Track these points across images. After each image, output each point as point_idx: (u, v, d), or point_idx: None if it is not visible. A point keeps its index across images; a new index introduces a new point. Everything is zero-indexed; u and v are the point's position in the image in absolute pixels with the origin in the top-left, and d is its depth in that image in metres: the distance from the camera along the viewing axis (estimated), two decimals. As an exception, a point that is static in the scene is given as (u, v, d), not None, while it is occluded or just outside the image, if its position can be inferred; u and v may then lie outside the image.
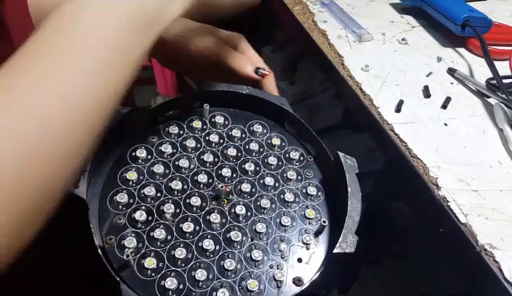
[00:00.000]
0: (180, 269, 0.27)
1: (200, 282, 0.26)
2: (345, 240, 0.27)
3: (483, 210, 0.31)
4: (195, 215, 0.30)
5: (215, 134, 0.36)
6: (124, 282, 0.26)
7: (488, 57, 0.40)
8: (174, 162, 0.33)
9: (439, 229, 0.32)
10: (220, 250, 0.28)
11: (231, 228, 0.30)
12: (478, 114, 0.39)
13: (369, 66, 0.43)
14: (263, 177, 0.33)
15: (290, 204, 0.32)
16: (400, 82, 0.42)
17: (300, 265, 0.28)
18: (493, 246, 0.29)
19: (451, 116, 0.39)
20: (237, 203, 0.31)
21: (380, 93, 0.40)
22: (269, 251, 0.29)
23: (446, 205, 0.31)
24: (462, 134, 0.37)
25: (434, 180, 0.33)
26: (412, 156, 0.35)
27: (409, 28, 0.49)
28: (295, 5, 0.51)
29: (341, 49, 0.45)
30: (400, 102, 0.39)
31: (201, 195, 0.31)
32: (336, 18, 0.49)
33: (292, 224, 0.30)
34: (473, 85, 0.42)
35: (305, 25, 0.48)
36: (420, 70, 0.44)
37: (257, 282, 0.27)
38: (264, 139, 0.36)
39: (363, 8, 0.52)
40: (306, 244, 0.29)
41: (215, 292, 0.26)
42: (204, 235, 0.29)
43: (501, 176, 0.34)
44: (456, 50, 0.46)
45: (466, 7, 0.45)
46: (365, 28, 0.47)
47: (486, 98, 0.41)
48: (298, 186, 0.33)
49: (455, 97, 0.41)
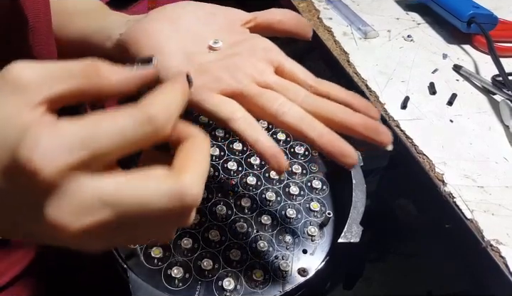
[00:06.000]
0: (187, 258, 0.28)
1: (206, 271, 0.27)
2: (350, 230, 0.27)
3: (489, 206, 0.31)
4: (201, 207, 0.30)
5: (221, 128, 0.36)
6: (131, 270, 0.26)
7: (494, 54, 0.40)
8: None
9: (445, 225, 0.32)
10: (226, 240, 0.29)
11: (237, 220, 0.30)
12: (484, 110, 0.39)
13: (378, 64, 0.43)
14: (268, 171, 0.33)
15: (295, 197, 0.32)
16: (405, 78, 0.42)
17: (305, 256, 0.28)
18: (499, 242, 0.29)
19: (457, 112, 0.39)
20: (242, 196, 0.31)
21: (385, 90, 0.41)
22: (275, 242, 0.29)
23: (452, 202, 0.31)
24: (468, 130, 0.37)
25: (440, 176, 0.33)
26: (418, 153, 0.35)
27: (414, 25, 0.50)
28: (300, 2, 0.51)
29: (347, 46, 0.45)
30: (406, 99, 0.39)
31: (207, 187, 0.32)
32: (341, 15, 0.49)
33: (297, 216, 0.31)
34: (479, 82, 0.42)
35: (310, 22, 0.48)
36: (426, 66, 0.44)
37: (263, 272, 0.27)
38: (270, 133, 0.36)
39: (368, 5, 0.52)
40: (311, 236, 0.29)
41: (221, 281, 0.26)
42: (210, 226, 0.29)
43: (507, 172, 0.34)
44: (461, 47, 0.46)
45: (472, 4, 0.45)
46: (370, 25, 0.48)
47: (492, 95, 0.41)
48: (303, 180, 0.33)
49: (461, 93, 0.41)
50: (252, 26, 0.28)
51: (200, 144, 0.18)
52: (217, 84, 0.24)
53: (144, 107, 0.16)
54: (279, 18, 0.29)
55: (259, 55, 0.25)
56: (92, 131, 0.15)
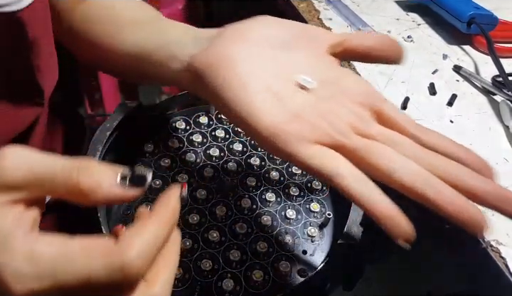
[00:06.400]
0: (186, 259, 0.28)
1: (206, 272, 0.27)
2: (350, 231, 0.27)
3: (488, 206, 0.31)
4: (201, 207, 0.30)
5: (222, 129, 0.36)
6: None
7: (494, 54, 0.40)
8: (181, 156, 0.34)
9: (445, 225, 0.32)
10: (226, 241, 0.29)
11: (236, 220, 0.30)
12: (484, 111, 0.39)
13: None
14: (268, 171, 0.33)
15: (295, 198, 0.32)
16: (405, 79, 0.42)
17: (305, 256, 0.28)
18: (499, 242, 0.29)
19: (457, 113, 0.39)
20: (242, 197, 0.31)
21: (385, 90, 0.41)
22: (274, 243, 0.29)
23: (451, 201, 0.31)
24: (468, 131, 0.37)
25: (440, 176, 0.33)
26: (418, 152, 0.35)
27: (414, 26, 0.50)
28: (300, 2, 0.51)
29: (347, 46, 0.45)
30: (406, 99, 0.39)
31: (207, 187, 0.32)
32: (341, 15, 0.49)
33: (297, 217, 0.31)
34: (479, 83, 0.42)
35: (310, 22, 0.48)
36: (426, 67, 0.44)
37: (262, 273, 0.27)
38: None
39: (368, 5, 0.52)
40: (311, 236, 0.29)
41: (221, 282, 0.26)
42: (210, 226, 0.29)
43: (507, 173, 0.34)
44: (461, 47, 0.46)
45: (472, 4, 0.45)
46: (370, 25, 0.48)
47: (492, 95, 0.41)
48: (303, 180, 0.33)
49: (461, 94, 0.41)
50: (339, 52, 0.25)
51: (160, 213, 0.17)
52: (314, 133, 0.21)
53: (120, 249, 0.16)
54: (370, 44, 0.25)
55: (358, 99, 0.22)
56: (63, 267, 0.15)
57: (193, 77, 0.24)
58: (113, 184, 0.17)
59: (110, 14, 0.31)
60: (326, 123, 0.21)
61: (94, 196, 0.17)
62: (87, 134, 0.45)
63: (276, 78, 0.23)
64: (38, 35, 0.26)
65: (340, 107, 0.22)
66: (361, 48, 0.25)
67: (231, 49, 0.23)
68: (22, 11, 0.23)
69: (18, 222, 0.16)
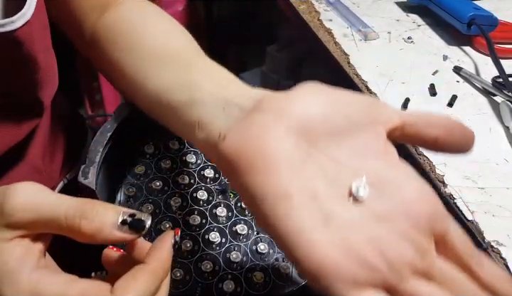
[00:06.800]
0: (187, 260, 0.28)
1: (207, 274, 0.27)
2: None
3: (489, 208, 0.31)
4: (201, 209, 0.30)
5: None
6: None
7: (494, 55, 0.40)
8: (181, 157, 0.34)
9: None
10: (226, 242, 0.29)
11: (237, 222, 0.30)
12: (485, 112, 0.39)
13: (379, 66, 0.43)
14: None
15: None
16: (406, 80, 0.42)
17: (305, 258, 0.28)
18: (499, 243, 0.29)
19: (458, 114, 0.39)
20: (243, 198, 0.31)
21: (386, 91, 0.41)
22: (275, 244, 0.29)
23: (452, 203, 0.31)
24: (468, 131, 0.37)
25: (441, 177, 0.33)
26: (419, 154, 0.35)
27: (415, 27, 0.50)
28: (300, 4, 0.51)
29: (347, 48, 0.45)
30: (406, 100, 0.39)
31: (208, 189, 0.32)
32: (341, 16, 0.49)
33: (298, 218, 0.31)
34: (480, 83, 0.42)
35: (310, 23, 0.48)
36: (426, 68, 0.44)
37: (263, 275, 0.27)
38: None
39: (368, 6, 0.52)
40: (312, 238, 0.29)
41: (221, 283, 0.26)
42: (210, 227, 0.29)
43: (508, 173, 0.34)
44: (462, 48, 0.46)
45: (472, 5, 0.45)
46: (370, 26, 0.48)
47: (492, 96, 0.41)
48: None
49: (461, 95, 0.41)
50: (397, 136, 0.21)
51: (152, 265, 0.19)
52: (368, 277, 0.17)
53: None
54: (438, 132, 0.21)
55: (420, 222, 0.18)
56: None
57: (223, 164, 0.20)
58: (113, 229, 0.18)
59: (136, 38, 0.27)
60: (383, 262, 0.17)
61: (95, 239, 0.18)
62: (88, 134, 0.45)
63: (323, 182, 0.18)
64: (36, 50, 0.26)
65: (399, 237, 0.18)
66: (427, 137, 0.21)
67: (271, 137, 0.18)
68: (18, 30, 0.23)
69: (24, 257, 0.18)
